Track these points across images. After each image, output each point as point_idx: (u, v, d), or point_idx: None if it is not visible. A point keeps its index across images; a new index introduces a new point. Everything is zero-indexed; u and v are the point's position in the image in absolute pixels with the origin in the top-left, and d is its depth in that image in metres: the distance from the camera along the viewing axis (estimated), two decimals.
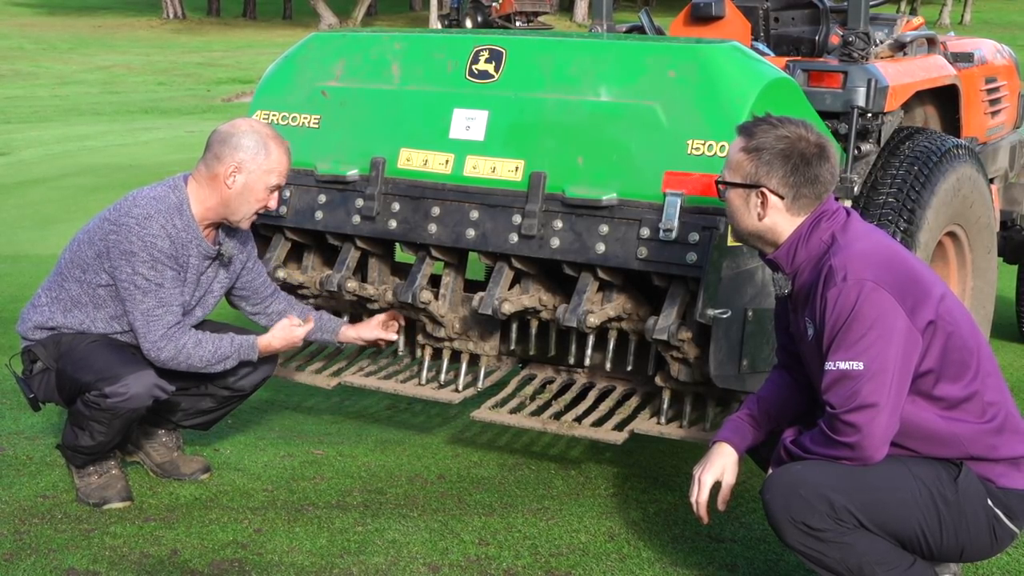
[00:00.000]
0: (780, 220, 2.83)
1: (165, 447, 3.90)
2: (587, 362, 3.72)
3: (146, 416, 3.64)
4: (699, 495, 2.93)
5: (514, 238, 3.61)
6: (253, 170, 3.49)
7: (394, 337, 3.93)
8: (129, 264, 3.42)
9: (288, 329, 3.69)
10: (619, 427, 3.71)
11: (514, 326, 3.86)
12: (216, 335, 3.57)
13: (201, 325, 3.78)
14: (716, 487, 2.95)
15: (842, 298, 2.66)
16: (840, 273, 2.68)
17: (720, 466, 2.95)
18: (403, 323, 3.95)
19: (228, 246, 3.63)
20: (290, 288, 4.08)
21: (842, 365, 2.66)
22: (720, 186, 2.90)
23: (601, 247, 3.50)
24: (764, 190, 2.80)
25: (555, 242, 3.57)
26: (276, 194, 3.57)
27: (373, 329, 3.90)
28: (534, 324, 3.84)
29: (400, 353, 4.16)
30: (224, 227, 3.64)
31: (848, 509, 2.67)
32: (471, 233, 3.68)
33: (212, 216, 3.55)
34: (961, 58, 5.00)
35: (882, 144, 4.15)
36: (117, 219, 3.45)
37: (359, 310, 4.09)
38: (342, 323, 3.94)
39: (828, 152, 2.82)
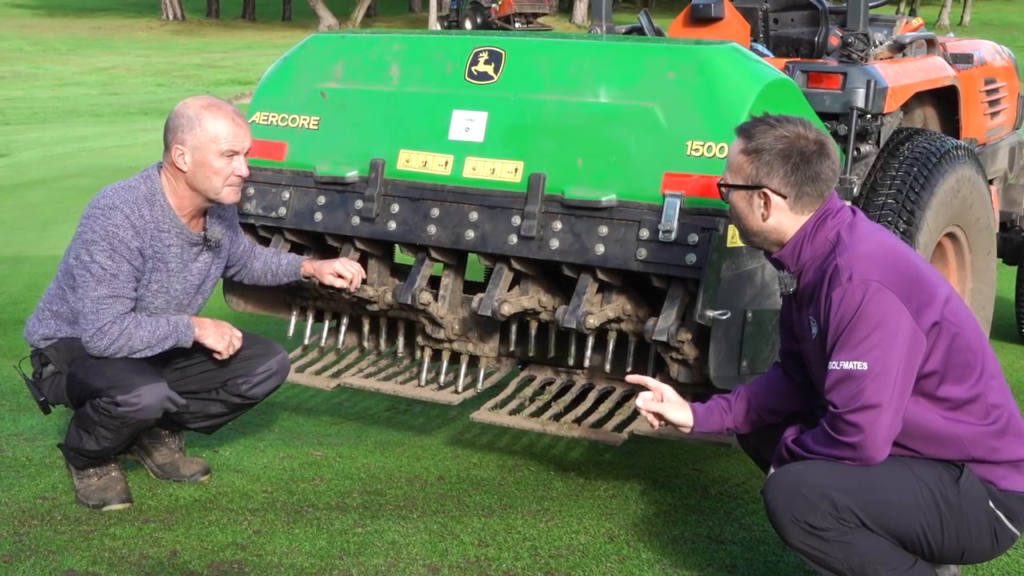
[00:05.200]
0: (784, 220, 2.83)
1: (168, 448, 3.90)
2: (586, 363, 3.72)
3: None
4: (648, 404, 3.05)
5: (513, 239, 3.61)
6: (196, 145, 3.46)
7: (347, 285, 3.85)
8: (88, 251, 3.42)
9: (224, 335, 3.62)
10: (619, 428, 3.71)
11: (513, 327, 3.86)
12: (153, 317, 3.54)
13: None
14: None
15: (847, 298, 2.66)
16: (845, 273, 2.68)
17: (681, 414, 3.04)
18: (354, 278, 3.84)
19: (215, 231, 3.62)
20: (289, 288, 4.09)
21: (846, 365, 2.66)
22: (723, 189, 2.90)
23: (600, 248, 3.50)
24: (766, 190, 2.80)
25: (554, 243, 3.56)
26: (242, 159, 3.50)
27: (327, 273, 3.83)
28: (533, 325, 3.84)
29: (400, 354, 4.16)
30: (214, 213, 3.63)
31: (850, 508, 2.67)
32: (470, 234, 3.68)
33: (191, 203, 3.54)
34: (960, 59, 5.01)
35: (881, 145, 4.15)
36: (87, 212, 3.47)
37: (358, 311, 4.09)
38: (302, 261, 3.90)
39: (828, 149, 2.82)
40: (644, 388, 3.10)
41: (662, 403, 3.07)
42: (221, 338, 3.61)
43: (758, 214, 2.84)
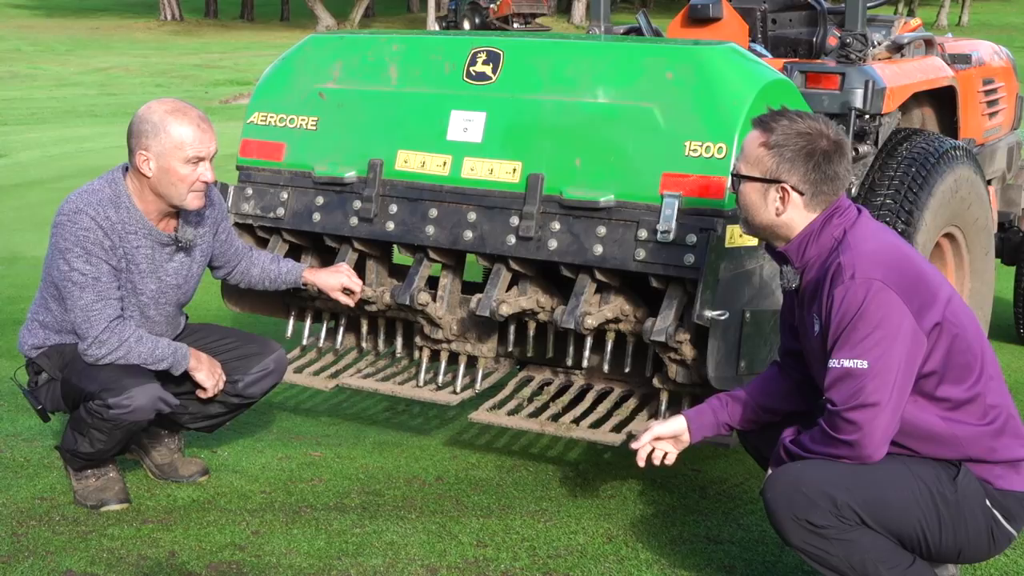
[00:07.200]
0: (796, 216, 2.83)
1: (167, 448, 3.89)
2: (585, 364, 3.72)
3: None
4: (642, 440, 3.14)
5: (512, 240, 3.61)
6: (160, 152, 3.42)
7: (350, 302, 3.90)
8: (65, 260, 3.41)
9: (214, 374, 3.63)
10: (617, 429, 3.71)
11: (512, 328, 3.86)
12: (155, 337, 3.56)
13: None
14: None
15: (849, 296, 2.67)
16: (848, 271, 2.69)
17: (670, 423, 3.11)
18: (360, 291, 3.89)
19: (187, 231, 3.60)
20: (287, 289, 4.09)
21: (846, 363, 2.67)
22: (735, 179, 2.90)
23: (599, 249, 3.50)
24: (785, 186, 2.80)
25: (553, 244, 3.56)
26: (207, 164, 3.46)
27: (333, 288, 3.86)
28: (532, 326, 3.84)
29: (398, 355, 4.16)
30: (188, 213, 3.60)
31: (850, 506, 2.68)
32: (469, 235, 3.68)
33: (155, 207, 3.51)
34: (959, 59, 5.01)
35: (880, 146, 4.15)
36: (55, 220, 3.45)
37: (357, 311, 4.08)
38: (302, 270, 3.90)
39: (845, 149, 2.83)
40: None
41: (649, 429, 3.11)
42: (211, 376, 3.62)
43: (772, 208, 2.83)
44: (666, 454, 3.13)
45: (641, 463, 3.13)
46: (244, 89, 24.51)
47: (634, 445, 3.13)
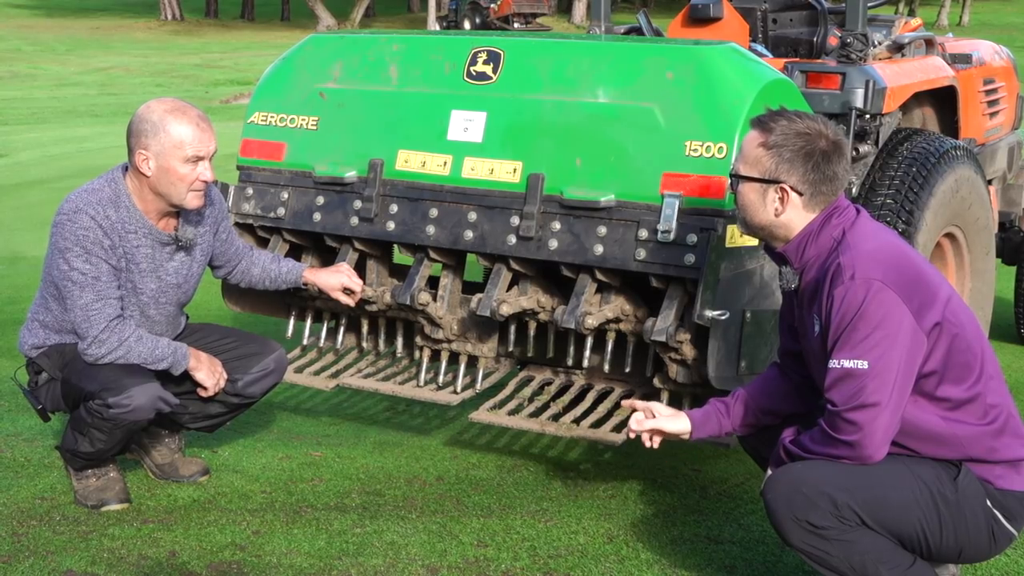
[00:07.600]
0: (795, 216, 2.83)
1: (168, 448, 3.89)
2: (585, 364, 3.72)
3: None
4: (641, 423, 3.09)
5: (512, 240, 3.61)
6: (160, 151, 3.42)
7: (351, 302, 3.90)
8: (64, 260, 3.41)
9: (215, 372, 3.64)
10: (617, 428, 3.70)
11: (512, 328, 3.86)
12: (155, 336, 3.56)
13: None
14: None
15: (849, 296, 2.67)
16: (848, 271, 2.69)
17: (676, 423, 3.07)
18: (360, 291, 3.89)
19: (187, 231, 3.60)
20: (288, 289, 4.09)
21: (846, 363, 2.67)
22: (733, 179, 2.90)
23: (599, 248, 3.50)
24: (784, 186, 2.80)
25: (553, 244, 3.56)
26: (207, 163, 3.46)
27: (334, 288, 3.85)
28: (532, 326, 3.84)
29: (398, 354, 4.16)
30: (188, 212, 3.60)
31: (850, 506, 2.68)
32: (469, 235, 3.68)
33: (155, 207, 3.51)
34: (959, 59, 5.01)
35: (880, 145, 4.15)
36: (55, 220, 3.45)
37: (357, 311, 4.08)
38: (303, 270, 3.90)
39: (844, 149, 2.83)
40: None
41: (655, 419, 3.09)
42: (211, 375, 3.62)
43: (771, 208, 2.83)
44: (653, 433, 3.12)
45: (632, 436, 3.13)
46: (244, 89, 24.53)
47: (634, 426, 3.11)
